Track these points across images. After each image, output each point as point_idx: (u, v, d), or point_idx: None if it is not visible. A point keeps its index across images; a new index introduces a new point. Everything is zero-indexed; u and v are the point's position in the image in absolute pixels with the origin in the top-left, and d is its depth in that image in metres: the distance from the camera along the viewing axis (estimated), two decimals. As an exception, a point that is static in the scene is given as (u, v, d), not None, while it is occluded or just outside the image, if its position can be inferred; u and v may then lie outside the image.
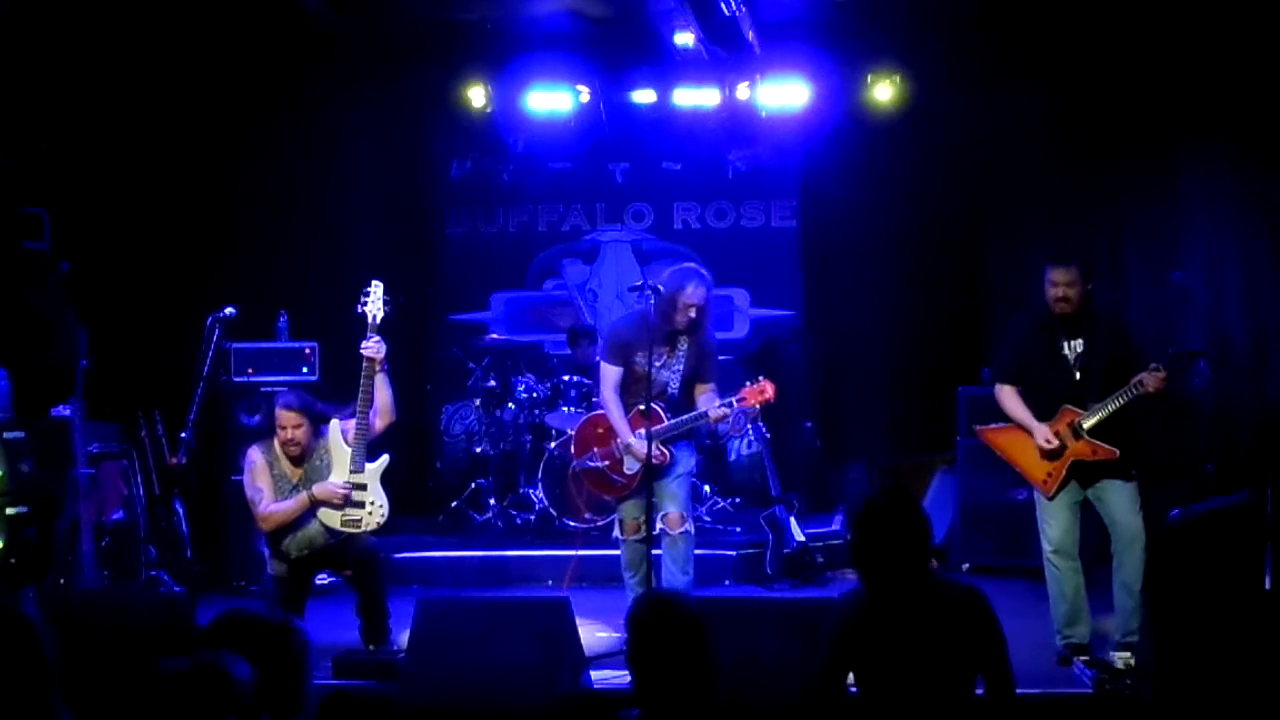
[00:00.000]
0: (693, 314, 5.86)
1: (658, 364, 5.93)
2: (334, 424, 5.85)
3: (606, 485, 6.12)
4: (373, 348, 5.72)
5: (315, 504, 5.73)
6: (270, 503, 5.77)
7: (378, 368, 5.72)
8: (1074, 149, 8.23)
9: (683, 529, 5.93)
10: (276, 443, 5.87)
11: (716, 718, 3.26)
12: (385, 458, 5.84)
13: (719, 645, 4.02)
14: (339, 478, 5.74)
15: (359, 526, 5.74)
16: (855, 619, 3.60)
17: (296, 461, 5.86)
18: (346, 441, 5.77)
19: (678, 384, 5.97)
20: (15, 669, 2.83)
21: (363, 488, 5.74)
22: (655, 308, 5.90)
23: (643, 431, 5.76)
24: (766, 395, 5.91)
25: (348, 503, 5.72)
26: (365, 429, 5.73)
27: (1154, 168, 7.92)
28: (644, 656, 3.24)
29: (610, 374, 6.02)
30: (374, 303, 5.82)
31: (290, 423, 5.80)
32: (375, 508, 5.75)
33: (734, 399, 5.92)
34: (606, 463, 6.06)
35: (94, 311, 6.75)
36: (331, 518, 5.73)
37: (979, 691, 3.61)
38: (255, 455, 5.87)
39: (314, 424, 5.87)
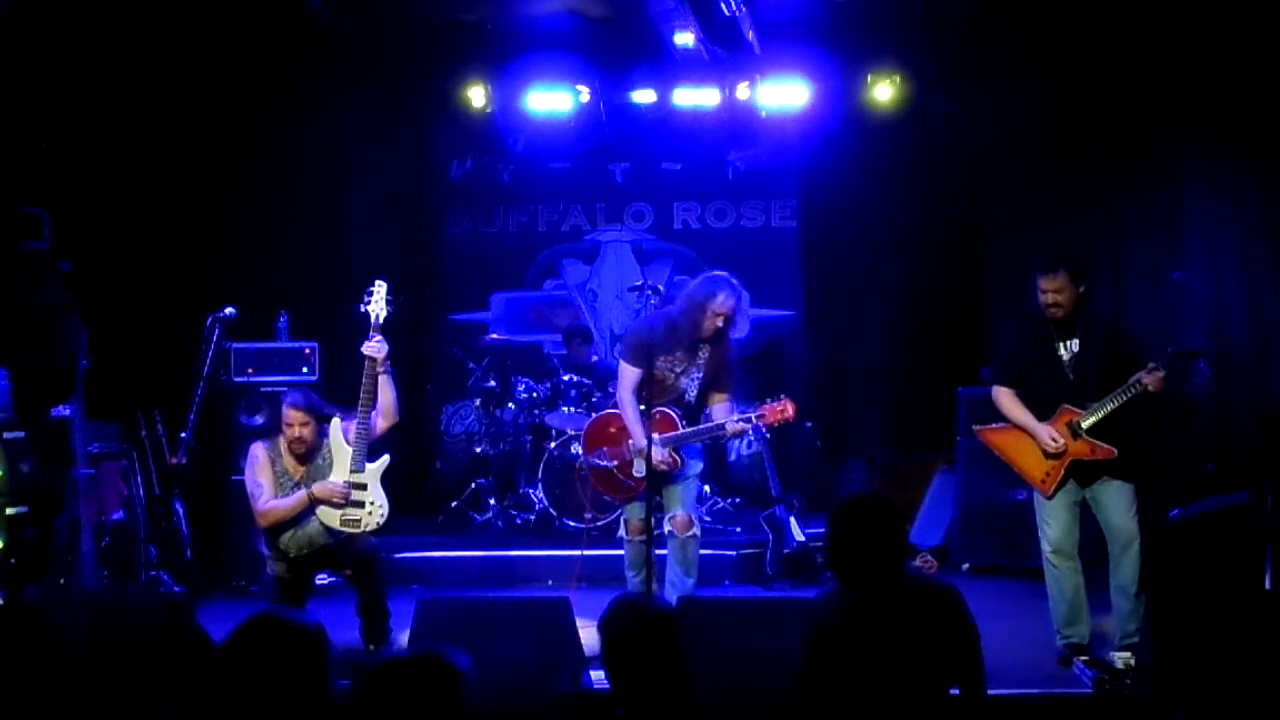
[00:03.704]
0: (720, 323, 5.79)
1: (678, 370, 5.89)
2: (334, 423, 5.85)
3: (613, 486, 6.07)
4: (374, 347, 5.71)
5: (315, 502, 5.73)
6: (270, 498, 5.77)
7: (380, 367, 5.71)
8: (1074, 148, 8.23)
9: (691, 533, 5.89)
10: (281, 440, 5.88)
11: (698, 715, 3.27)
12: (386, 458, 5.84)
13: (719, 645, 4.03)
14: (339, 477, 5.74)
15: (358, 526, 5.73)
16: (831, 620, 3.61)
17: (301, 460, 5.86)
18: (347, 441, 5.77)
19: (695, 392, 5.90)
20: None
21: (363, 487, 5.74)
22: (683, 313, 5.83)
23: (656, 436, 5.73)
24: (787, 415, 5.83)
25: (347, 502, 5.72)
26: (366, 429, 5.72)
27: (1154, 168, 7.92)
28: (617, 658, 3.26)
29: (630, 375, 5.88)
30: (377, 302, 5.81)
31: (297, 421, 5.80)
32: (375, 508, 5.75)
33: (754, 415, 5.82)
34: (615, 463, 6.00)
35: (94, 311, 6.75)
36: (331, 517, 5.73)
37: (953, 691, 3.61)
38: (258, 451, 5.88)
39: (320, 423, 5.88)
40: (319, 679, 3.02)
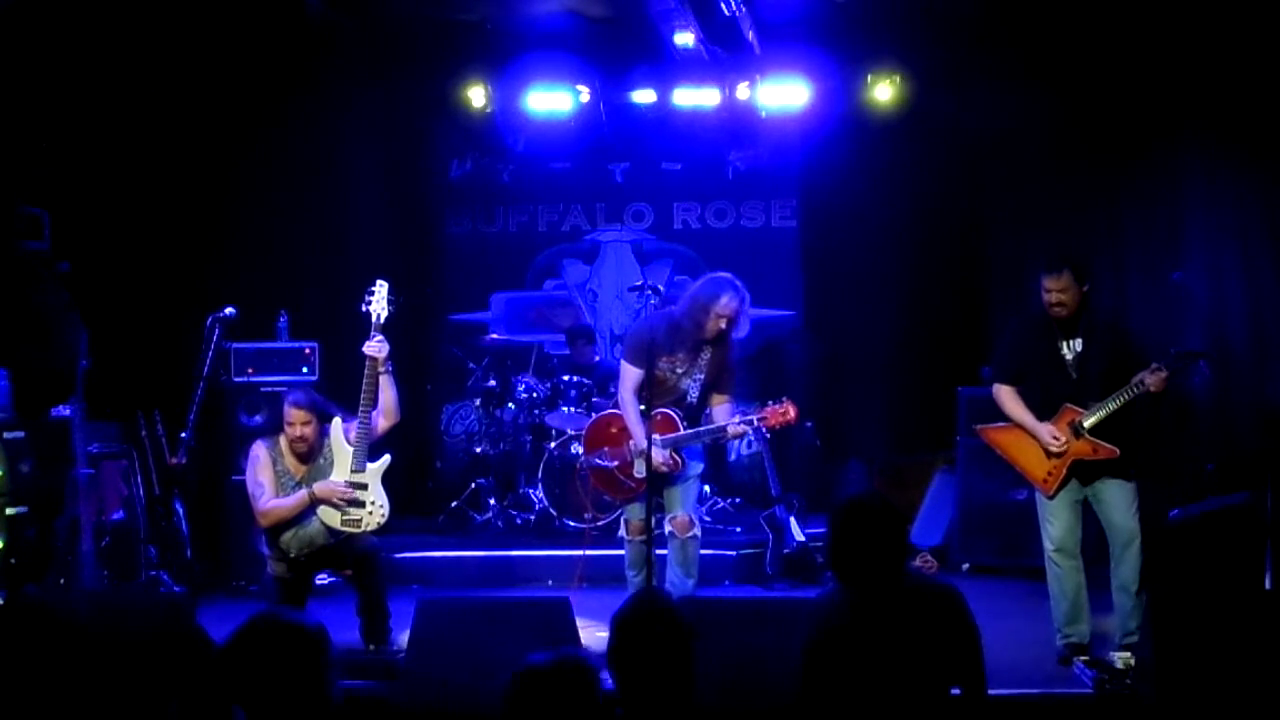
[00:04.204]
0: (723, 325, 5.79)
1: (680, 371, 5.88)
2: (335, 423, 5.84)
3: (614, 487, 6.06)
4: (375, 346, 5.71)
5: (315, 502, 5.72)
6: (271, 498, 5.77)
7: (381, 367, 5.71)
8: (1074, 149, 8.23)
9: (691, 533, 5.88)
10: (282, 439, 5.88)
11: (699, 716, 3.27)
12: (386, 458, 5.84)
13: (719, 645, 4.02)
14: (340, 477, 5.74)
15: (359, 526, 5.73)
16: (833, 620, 3.61)
17: (302, 459, 5.86)
18: (348, 441, 5.77)
19: (697, 393, 5.89)
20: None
21: (363, 487, 5.74)
22: (686, 314, 5.82)
23: (658, 438, 5.72)
24: (789, 418, 5.84)
25: (348, 502, 5.72)
26: (367, 429, 5.72)
27: (1154, 168, 7.92)
28: (626, 657, 3.25)
29: (631, 375, 5.87)
30: (378, 302, 5.80)
31: (299, 420, 5.80)
32: (376, 508, 5.75)
33: (755, 417, 5.83)
34: (616, 463, 5.98)
35: (94, 311, 6.74)
36: (332, 517, 5.73)
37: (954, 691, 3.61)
38: (259, 450, 5.88)
39: (322, 422, 5.88)
40: (319, 679, 3.02)
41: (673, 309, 6.02)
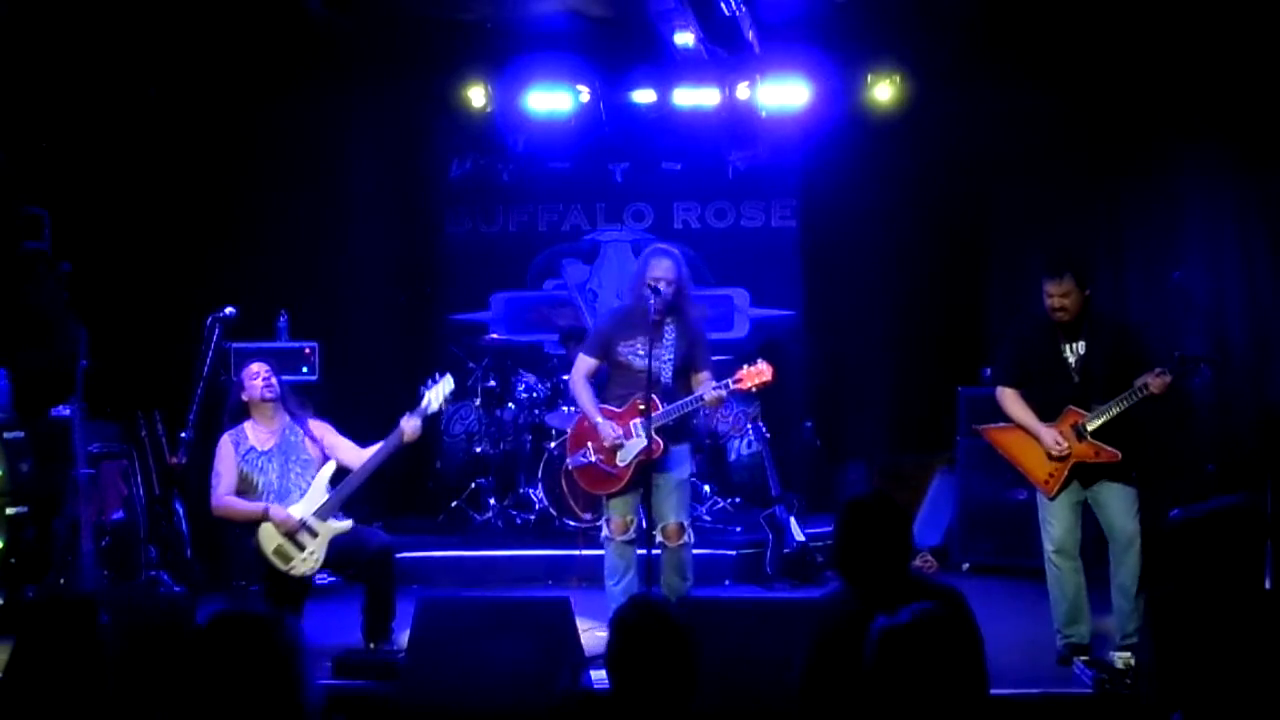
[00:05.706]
0: (663, 288, 5.80)
1: (641, 352, 5.82)
2: (329, 464, 5.96)
3: (601, 480, 6.00)
4: (413, 429, 5.85)
5: (265, 520, 5.81)
6: (228, 493, 5.90)
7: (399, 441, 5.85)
8: (1074, 149, 8.23)
9: (682, 541, 5.86)
10: (247, 423, 6.00)
11: (698, 716, 3.26)
12: (349, 523, 5.89)
13: (718, 645, 4.01)
14: (305, 512, 5.83)
15: (286, 563, 5.80)
16: (837, 621, 3.61)
17: (274, 414, 5.95)
18: (330, 486, 5.88)
19: (670, 373, 5.87)
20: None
21: (313, 535, 5.82)
22: (631, 292, 5.98)
23: (638, 422, 5.73)
24: (764, 378, 5.82)
25: (290, 536, 5.79)
26: (357, 486, 5.86)
27: (1153, 168, 7.92)
28: (625, 660, 3.24)
29: (583, 363, 6.04)
30: (437, 394, 5.96)
31: (262, 370, 6.01)
32: (310, 557, 5.82)
33: (729, 380, 5.83)
34: (600, 456, 5.98)
35: (94, 311, 6.74)
36: (270, 540, 5.81)
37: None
38: (223, 442, 6.01)
39: (281, 383, 6.05)
40: (287, 674, 2.93)
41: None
